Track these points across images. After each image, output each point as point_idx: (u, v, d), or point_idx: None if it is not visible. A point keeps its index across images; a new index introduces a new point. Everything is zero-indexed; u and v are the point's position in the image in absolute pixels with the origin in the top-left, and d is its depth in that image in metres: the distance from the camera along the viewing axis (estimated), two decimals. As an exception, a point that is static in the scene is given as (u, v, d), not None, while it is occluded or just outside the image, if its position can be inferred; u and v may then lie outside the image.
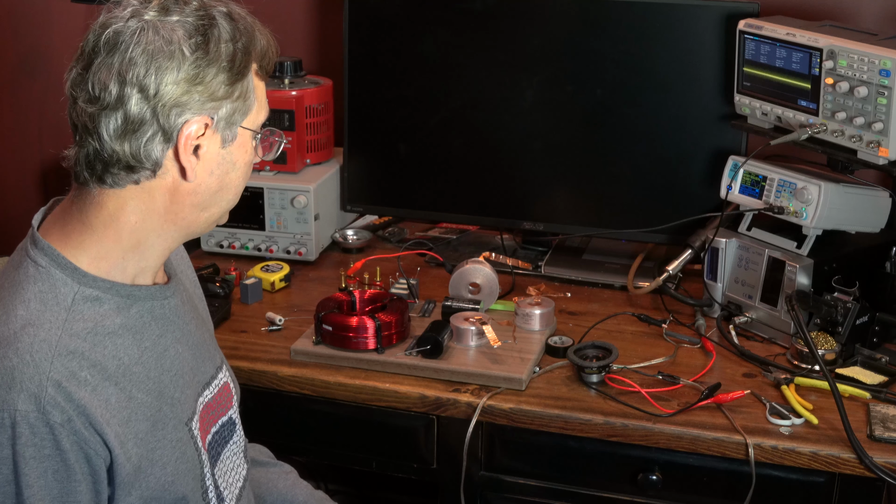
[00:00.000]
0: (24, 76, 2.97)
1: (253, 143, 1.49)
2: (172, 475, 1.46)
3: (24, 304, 1.38)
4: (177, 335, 1.53)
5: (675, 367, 2.01)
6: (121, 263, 1.44)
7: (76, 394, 1.34)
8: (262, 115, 1.49)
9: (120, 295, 1.44)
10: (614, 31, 2.33)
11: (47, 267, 1.41)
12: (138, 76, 1.35)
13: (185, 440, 1.49)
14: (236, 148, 1.45)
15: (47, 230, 1.45)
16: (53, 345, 1.35)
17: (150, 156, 1.39)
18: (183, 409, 1.50)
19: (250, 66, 1.44)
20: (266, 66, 1.48)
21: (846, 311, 1.99)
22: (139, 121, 1.37)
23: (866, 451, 1.75)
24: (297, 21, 2.77)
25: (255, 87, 1.46)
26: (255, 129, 1.48)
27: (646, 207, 2.38)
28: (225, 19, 1.41)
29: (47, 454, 1.33)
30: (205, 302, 1.76)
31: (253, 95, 1.45)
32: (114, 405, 1.38)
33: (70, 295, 1.40)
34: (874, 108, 1.94)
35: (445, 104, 2.46)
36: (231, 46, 1.40)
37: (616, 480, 1.95)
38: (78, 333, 1.38)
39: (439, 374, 1.97)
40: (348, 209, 2.59)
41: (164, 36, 1.36)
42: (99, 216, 1.42)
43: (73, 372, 1.35)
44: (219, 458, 1.60)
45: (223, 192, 1.47)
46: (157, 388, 1.46)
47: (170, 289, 1.53)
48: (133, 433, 1.41)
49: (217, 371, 1.63)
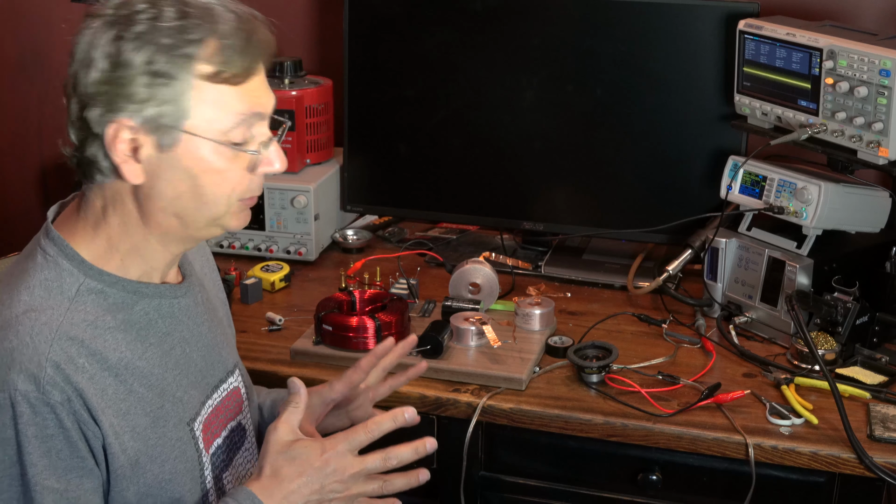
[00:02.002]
0: (24, 76, 2.97)
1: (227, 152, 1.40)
2: (170, 473, 1.46)
3: (28, 291, 1.40)
4: (185, 335, 1.53)
5: (675, 367, 2.01)
6: (122, 264, 1.45)
7: (73, 377, 1.35)
8: (226, 122, 1.38)
9: (126, 290, 1.45)
10: (614, 31, 2.33)
11: (55, 257, 1.42)
12: (75, 78, 1.38)
13: (185, 440, 1.49)
14: (182, 154, 1.38)
15: (60, 223, 1.47)
16: (54, 329, 1.36)
17: (96, 157, 1.39)
18: (185, 409, 1.50)
19: (186, 68, 1.35)
20: (227, 70, 1.37)
21: (846, 311, 1.99)
22: (77, 121, 1.39)
23: (866, 451, 1.75)
24: (297, 21, 2.77)
25: (199, 89, 1.36)
26: (206, 137, 1.38)
27: (646, 207, 2.38)
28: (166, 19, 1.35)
29: (50, 433, 1.34)
30: (228, 308, 1.77)
31: (190, 98, 1.36)
32: (111, 396, 1.39)
33: (75, 285, 1.41)
34: (874, 108, 1.94)
35: (445, 104, 2.46)
36: (153, 48, 1.34)
37: (616, 480, 1.95)
38: (78, 323, 1.39)
39: (439, 374, 1.97)
40: (348, 209, 2.59)
41: (96, 39, 1.36)
42: (93, 213, 1.44)
43: (71, 357, 1.36)
44: (231, 463, 1.59)
45: (194, 200, 1.41)
46: (159, 384, 1.46)
47: (181, 289, 1.53)
48: (131, 426, 1.41)
49: (227, 375, 1.63)
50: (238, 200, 1.45)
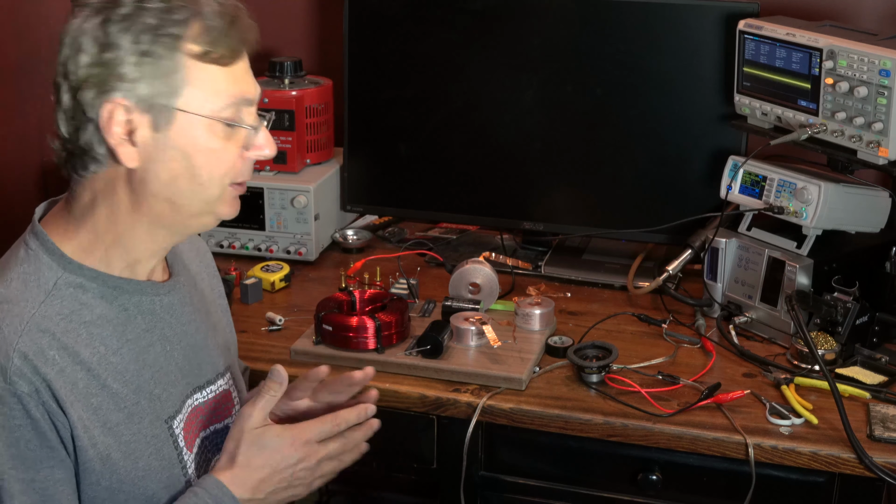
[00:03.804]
0: (24, 76, 2.96)
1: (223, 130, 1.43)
2: (144, 470, 1.46)
3: (5, 283, 1.41)
4: (166, 333, 1.53)
5: (675, 367, 2.01)
6: (105, 257, 1.46)
7: (41, 368, 1.35)
8: (218, 102, 1.41)
9: (106, 285, 1.45)
10: (614, 31, 2.33)
11: (36, 250, 1.44)
12: (64, 64, 1.39)
13: (162, 437, 1.49)
14: (177, 133, 1.40)
15: (47, 220, 1.48)
16: (25, 320, 1.37)
17: (90, 145, 1.40)
18: (163, 406, 1.50)
19: (175, 45, 1.38)
20: (215, 50, 1.40)
21: (846, 311, 1.99)
22: (70, 109, 1.40)
23: (866, 451, 1.75)
24: (297, 21, 2.77)
25: (190, 68, 1.39)
26: (200, 114, 1.41)
27: (646, 207, 2.38)
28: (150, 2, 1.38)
29: (17, 423, 1.34)
30: (227, 311, 1.77)
31: (182, 76, 1.39)
32: (81, 390, 1.39)
33: (53, 279, 1.42)
34: (874, 108, 1.94)
35: (445, 104, 2.46)
36: (138, 27, 1.37)
37: (616, 480, 1.95)
38: (52, 316, 1.39)
39: (439, 374, 1.97)
40: (348, 209, 2.59)
41: (84, 25, 1.38)
42: (78, 207, 1.45)
43: (41, 348, 1.36)
44: (209, 463, 1.59)
45: (189, 182, 1.43)
46: (135, 380, 1.46)
47: (166, 286, 1.53)
48: (102, 421, 1.41)
49: (217, 377, 1.63)
50: (230, 184, 1.47)
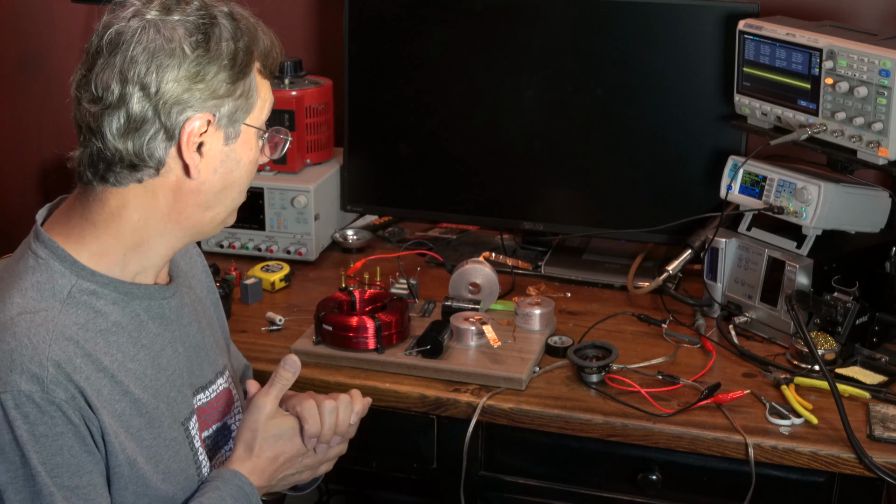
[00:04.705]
0: (24, 76, 2.97)
1: (259, 141, 1.50)
2: (164, 473, 1.47)
3: (20, 293, 1.40)
4: (175, 335, 1.53)
5: (675, 367, 2.01)
6: (121, 261, 1.45)
7: (73, 376, 1.36)
8: (266, 113, 1.50)
9: (118, 291, 1.45)
10: (614, 31, 2.33)
11: (46, 259, 1.43)
12: (139, 74, 1.37)
13: (179, 440, 1.50)
14: (240, 146, 1.47)
15: (51, 226, 1.47)
16: (50, 329, 1.37)
17: (153, 154, 1.40)
18: (179, 409, 1.51)
19: (252, 64, 1.45)
20: (270, 65, 1.49)
21: (846, 311, 1.99)
22: (141, 119, 1.38)
23: (866, 450, 1.75)
24: (297, 21, 2.77)
25: (259, 86, 1.47)
26: (259, 127, 1.49)
27: (646, 207, 2.38)
28: (226, 18, 1.43)
29: (59, 431, 1.35)
30: (221, 310, 1.77)
31: (256, 94, 1.46)
32: (106, 397, 1.40)
33: (67, 287, 1.41)
34: (874, 108, 1.94)
35: (445, 104, 2.46)
36: (232, 45, 1.41)
37: (616, 480, 1.95)
38: (70, 325, 1.39)
39: (439, 374, 1.97)
40: (348, 209, 2.59)
41: (165, 34, 1.38)
42: (101, 213, 1.44)
43: (69, 356, 1.37)
44: (211, 461, 1.60)
45: (227, 190, 1.48)
46: (153, 385, 1.47)
47: (170, 290, 1.53)
48: (125, 427, 1.42)
49: (217, 377, 1.64)
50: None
